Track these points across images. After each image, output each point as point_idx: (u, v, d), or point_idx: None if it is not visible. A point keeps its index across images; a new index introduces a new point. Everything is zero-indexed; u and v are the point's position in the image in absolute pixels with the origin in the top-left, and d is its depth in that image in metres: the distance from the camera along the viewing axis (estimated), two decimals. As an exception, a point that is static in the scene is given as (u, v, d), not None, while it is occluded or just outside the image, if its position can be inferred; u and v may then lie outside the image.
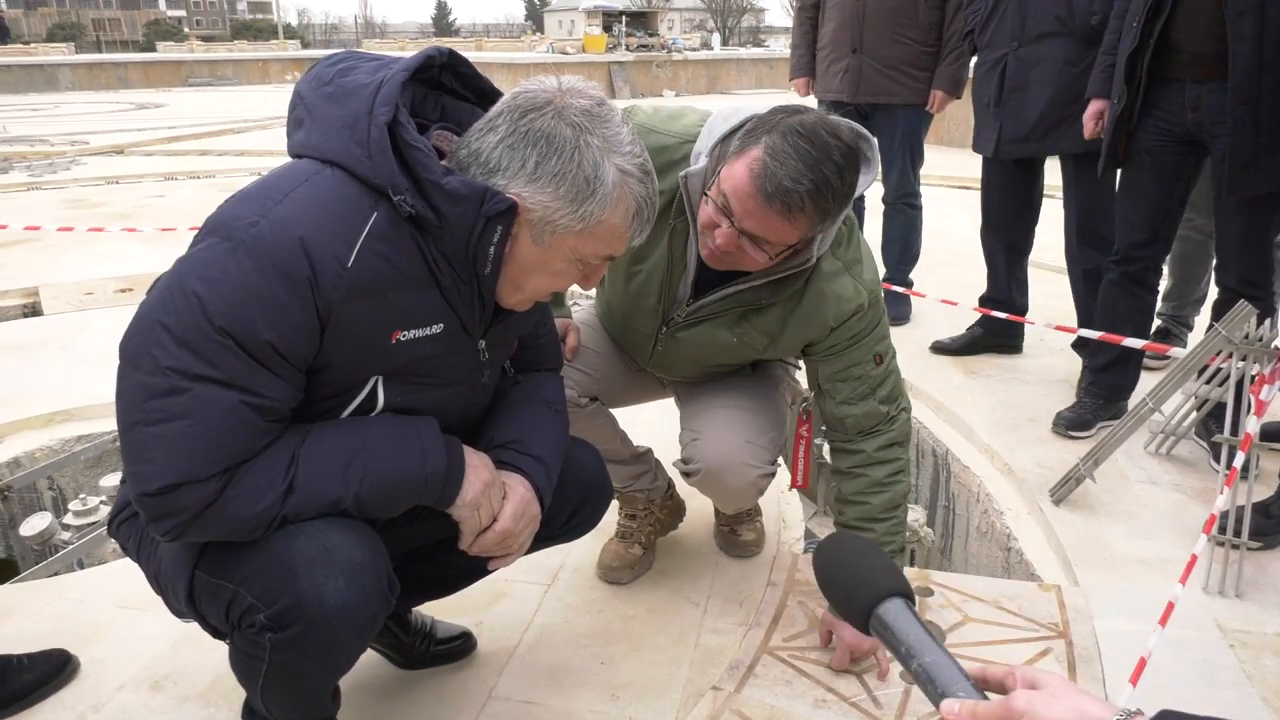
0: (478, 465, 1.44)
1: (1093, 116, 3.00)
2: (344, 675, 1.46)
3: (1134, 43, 2.65)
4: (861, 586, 0.94)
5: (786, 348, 1.93)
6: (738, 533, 2.41)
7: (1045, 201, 3.73)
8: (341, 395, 1.34)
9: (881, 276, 4.25)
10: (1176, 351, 2.62)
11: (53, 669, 1.91)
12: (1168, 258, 3.10)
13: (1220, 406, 2.55)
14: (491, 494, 1.45)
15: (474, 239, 1.27)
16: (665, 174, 1.79)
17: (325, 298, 1.22)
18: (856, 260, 1.86)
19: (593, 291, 2.02)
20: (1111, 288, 2.99)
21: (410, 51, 1.50)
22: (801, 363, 2.11)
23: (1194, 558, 1.99)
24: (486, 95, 1.43)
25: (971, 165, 3.91)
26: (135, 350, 1.21)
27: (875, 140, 1.78)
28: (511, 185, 1.26)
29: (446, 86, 1.42)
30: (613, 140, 1.29)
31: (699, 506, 2.52)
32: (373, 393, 1.35)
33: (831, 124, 1.61)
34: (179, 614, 1.45)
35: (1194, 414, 2.78)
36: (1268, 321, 2.36)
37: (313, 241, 1.20)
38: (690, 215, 1.80)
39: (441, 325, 1.35)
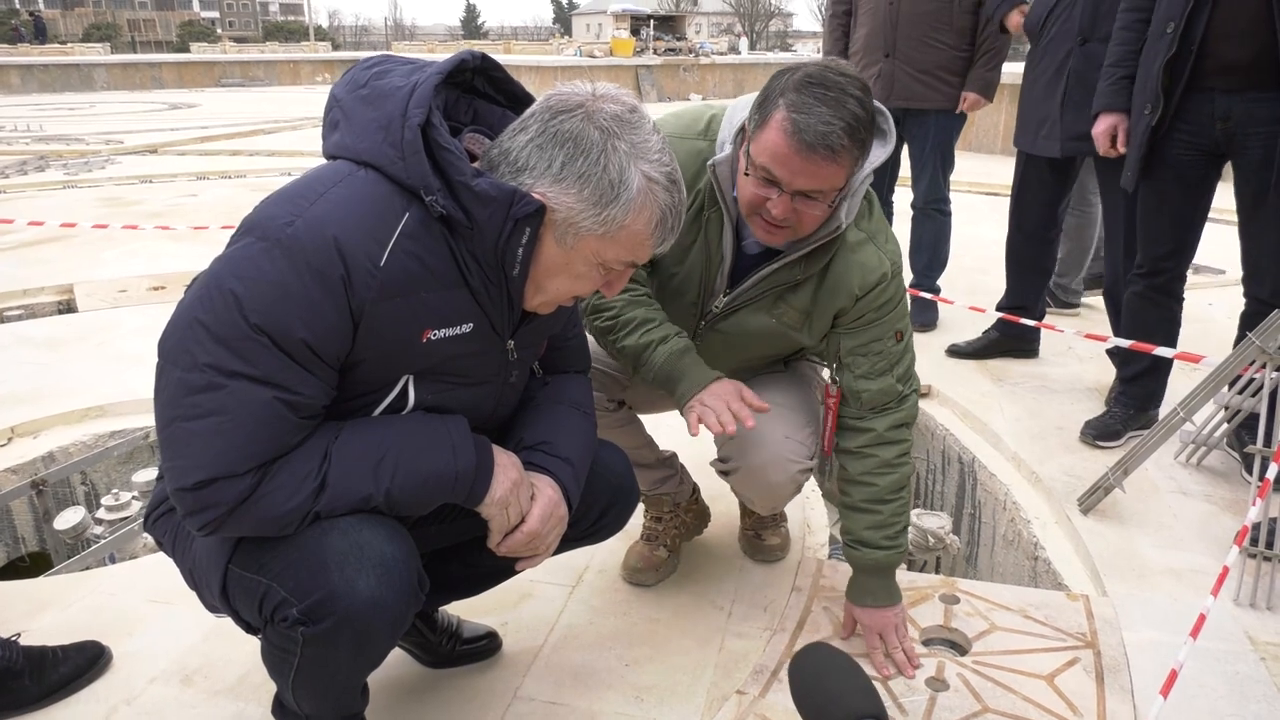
0: (506, 464, 1.45)
1: (1107, 133, 2.90)
2: (373, 671, 1.47)
3: (1170, 50, 2.59)
4: (833, 706, 0.93)
5: (819, 323, 1.94)
6: (763, 537, 2.41)
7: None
8: (372, 394, 1.36)
9: (909, 282, 4.28)
10: (1208, 361, 2.59)
11: (87, 661, 1.95)
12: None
13: (1253, 417, 2.52)
14: (520, 493, 1.46)
15: (502, 240, 1.29)
16: (703, 175, 1.84)
17: (358, 296, 1.24)
18: (880, 231, 1.90)
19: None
20: (1137, 300, 2.97)
21: (439, 54, 1.52)
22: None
23: (1225, 569, 1.97)
24: (519, 99, 1.45)
25: (1000, 171, 3.89)
26: (174, 347, 1.24)
27: (889, 113, 1.79)
28: (538, 185, 1.28)
29: (479, 90, 1.44)
30: (641, 147, 1.30)
31: (724, 511, 2.52)
32: (403, 392, 1.37)
33: (834, 65, 1.65)
34: (212, 609, 1.48)
35: (1226, 424, 2.75)
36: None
37: (346, 241, 1.22)
38: (723, 202, 1.83)
39: (471, 325, 1.37)
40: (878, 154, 1.73)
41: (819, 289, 1.89)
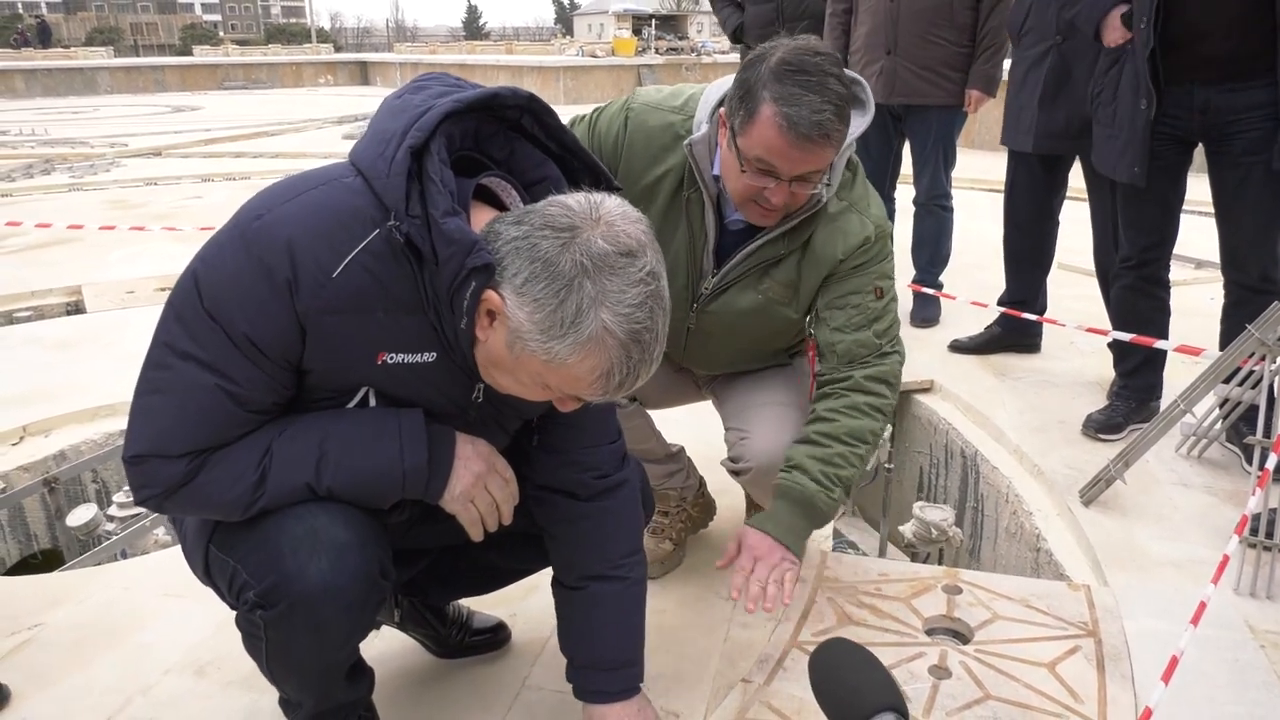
0: (469, 456, 1.42)
1: (1115, 19, 2.76)
2: (343, 659, 1.46)
3: (1148, 46, 2.60)
4: (854, 698, 0.95)
5: (806, 294, 1.96)
6: (767, 530, 2.43)
7: (1071, 204, 3.73)
8: (334, 399, 1.35)
9: (911, 278, 4.30)
10: (1209, 354, 2.61)
11: None
12: None
13: (1253, 409, 2.54)
14: (489, 484, 1.44)
15: (455, 284, 1.24)
16: (674, 149, 1.89)
17: (304, 302, 1.23)
18: (862, 198, 1.93)
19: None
20: (1127, 293, 3.00)
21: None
22: None
23: (1226, 558, 1.99)
24: (569, 149, 1.41)
25: (1001, 168, 3.90)
26: (157, 323, 1.29)
27: (865, 82, 1.83)
28: (503, 286, 1.23)
29: (526, 130, 1.39)
30: (612, 294, 1.20)
31: (729, 504, 2.55)
32: (364, 401, 1.36)
33: (805, 46, 1.68)
34: (204, 583, 1.49)
35: (1226, 416, 2.77)
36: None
37: (300, 244, 1.22)
38: (701, 181, 1.87)
39: (435, 355, 1.34)
40: (857, 124, 1.77)
41: (803, 260, 1.92)
